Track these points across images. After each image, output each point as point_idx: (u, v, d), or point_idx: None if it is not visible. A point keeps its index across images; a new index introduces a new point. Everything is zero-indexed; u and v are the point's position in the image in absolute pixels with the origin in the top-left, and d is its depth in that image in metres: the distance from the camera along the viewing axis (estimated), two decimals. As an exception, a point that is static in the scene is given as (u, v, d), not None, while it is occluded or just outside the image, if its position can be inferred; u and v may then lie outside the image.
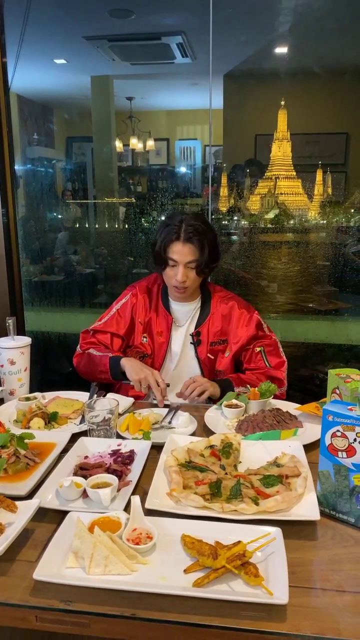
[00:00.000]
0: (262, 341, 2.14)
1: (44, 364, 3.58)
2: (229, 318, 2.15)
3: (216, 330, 2.14)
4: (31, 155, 4.06)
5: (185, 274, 2.00)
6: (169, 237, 1.99)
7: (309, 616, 0.95)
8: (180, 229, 1.98)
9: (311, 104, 3.52)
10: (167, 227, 2.01)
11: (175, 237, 1.98)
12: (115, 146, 4.07)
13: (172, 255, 2.00)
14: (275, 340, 2.18)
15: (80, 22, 3.47)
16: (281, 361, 2.14)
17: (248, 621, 0.94)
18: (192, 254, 1.99)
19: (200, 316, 2.16)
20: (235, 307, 2.16)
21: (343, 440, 1.17)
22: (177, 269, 2.01)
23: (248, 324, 2.13)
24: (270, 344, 2.15)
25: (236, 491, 1.26)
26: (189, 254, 1.99)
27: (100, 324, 2.19)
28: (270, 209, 3.61)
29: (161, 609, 0.96)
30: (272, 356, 2.13)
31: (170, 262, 2.01)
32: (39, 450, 1.47)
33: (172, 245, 1.99)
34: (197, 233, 1.98)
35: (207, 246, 2.00)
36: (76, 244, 4.00)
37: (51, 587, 1.00)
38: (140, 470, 1.39)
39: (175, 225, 1.99)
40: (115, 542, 1.06)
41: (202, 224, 2.01)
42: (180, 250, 1.99)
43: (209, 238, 2.02)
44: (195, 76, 3.86)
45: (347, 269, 3.35)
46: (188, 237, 1.97)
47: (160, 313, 2.16)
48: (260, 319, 2.17)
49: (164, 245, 2.01)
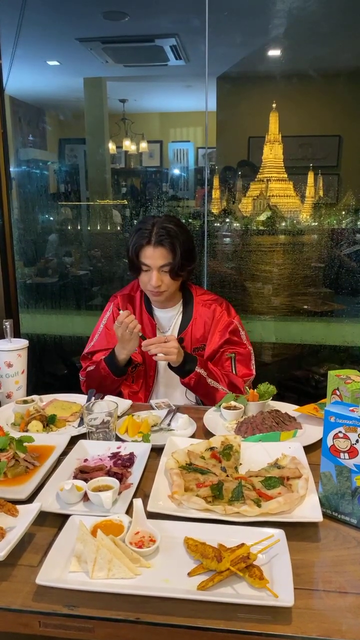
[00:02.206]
0: (235, 348, 2.10)
1: (39, 366, 3.56)
2: (209, 322, 2.11)
3: (199, 336, 2.11)
4: (24, 157, 4.04)
5: (159, 278, 1.96)
6: (140, 241, 1.95)
7: (314, 618, 0.95)
8: (152, 232, 1.93)
9: (304, 106, 3.53)
10: (139, 231, 1.96)
11: (146, 241, 1.94)
12: (109, 148, 4.06)
13: (144, 259, 1.96)
14: (250, 351, 2.13)
15: (73, 24, 3.45)
16: (248, 372, 2.08)
17: (253, 624, 0.93)
18: (164, 257, 1.95)
19: (182, 322, 2.12)
20: (217, 311, 2.11)
21: (345, 442, 1.17)
22: (150, 274, 1.96)
23: (224, 329, 2.09)
24: (243, 353, 2.10)
25: (238, 493, 1.26)
26: (160, 258, 1.94)
27: (93, 344, 2.16)
28: (262, 211, 3.62)
29: (166, 613, 0.95)
30: (242, 365, 2.08)
31: (144, 267, 1.97)
32: (38, 453, 1.46)
33: (143, 250, 1.95)
34: (169, 236, 1.93)
35: (179, 248, 1.95)
36: (69, 246, 3.99)
37: (54, 591, 0.99)
38: (141, 472, 1.38)
39: (146, 229, 1.94)
40: (118, 546, 1.06)
41: (174, 226, 1.96)
42: (152, 255, 1.94)
43: (182, 240, 1.97)
44: (189, 78, 3.87)
45: (342, 271, 3.36)
46: (159, 240, 1.93)
47: (145, 320, 2.12)
48: (239, 326, 2.12)
49: (135, 250, 1.96)
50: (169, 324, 2.14)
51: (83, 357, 2.18)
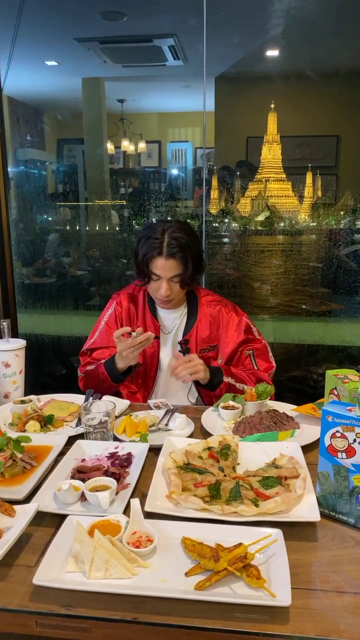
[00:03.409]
0: (251, 345, 2.10)
1: (37, 367, 3.56)
2: (217, 323, 2.10)
3: (205, 337, 2.09)
4: (22, 157, 4.04)
5: (169, 288, 1.94)
6: (151, 252, 1.90)
7: (311, 618, 0.94)
8: (163, 242, 1.89)
9: (303, 106, 3.54)
10: (148, 239, 1.92)
11: (158, 252, 1.89)
12: (107, 148, 4.06)
13: (155, 270, 1.93)
14: (265, 344, 2.13)
15: (71, 24, 3.45)
16: (269, 365, 2.09)
17: (251, 624, 0.93)
18: (175, 269, 1.92)
19: (187, 323, 2.11)
20: (223, 312, 2.11)
21: (343, 441, 1.17)
22: (160, 283, 1.94)
23: (237, 329, 2.09)
24: (260, 347, 2.10)
25: (236, 493, 1.26)
26: (171, 270, 1.92)
27: (93, 341, 2.13)
28: (260, 211, 3.62)
29: (163, 613, 0.95)
30: (261, 360, 2.08)
31: (153, 276, 1.95)
32: (35, 453, 1.45)
33: (154, 261, 1.91)
34: (181, 248, 1.89)
35: (190, 260, 1.92)
36: (68, 246, 3.99)
37: (51, 592, 0.99)
38: (139, 473, 1.38)
39: (157, 239, 1.90)
40: (116, 546, 1.05)
41: (185, 236, 1.92)
42: (163, 266, 1.91)
43: (193, 250, 1.94)
44: (187, 78, 3.87)
45: (340, 271, 3.37)
46: (171, 252, 1.89)
47: (148, 321, 2.10)
48: (249, 322, 2.12)
49: (146, 259, 1.92)
50: (173, 324, 2.12)
51: (82, 353, 2.16)
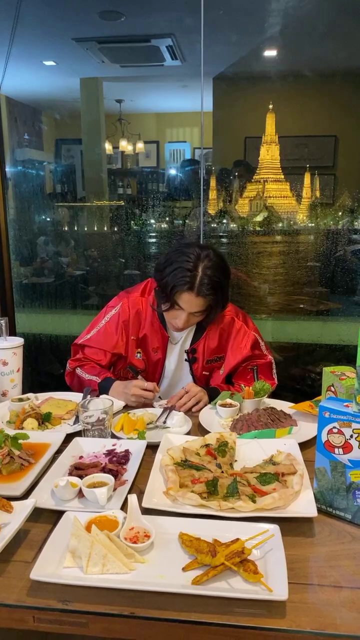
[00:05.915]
0: (256, 361, 2.06)
1: (34, 366, 3.56)
2: (226, 334, 2.06)
3: (213, 348, 2.05)
4: (20, 157, 4.04)
5: (187, 320, 1.88)
6: (181, 285, 1.79)
7: (308, 612, 0.95)
8: (196, 277, 1.79)
9: (301, 106, 3.54)
10: (180, 270, 1.80)
11: (188, 287, 1.79)
12: (105, 148, 4.06)
13: (181, 303, 1.84)
14: (271, 361, 2.10)
15: (69, 24, 3.45)
16: (271, 383, 2.03)
17: (248, 618, 0.93)
18: (202, 306, 1.86)
19: (196, 333, 2.06)
20: (233, 324, 2.06)
21: (339, 437, 1.18)
22: (180, 313, 1.87)
23: (244, 344, 2.04)
24: (265, 364, 2.07)
25: (233, 489, 1.26)
26: (198, 306, 1.85)
27: (89, 338, 2.07)
28: (258, 211, 3.62)
29: (160, 607, 0.96)
30: (264, 376, 2.03)
31: (176, 306, 1.87)
32: (33, 450, 1.46)
33: (183, 294, 1.82)
34: (213, 289, 1.81)
35: (220, 299, 1.87)
36: (66, 246, 3.99)
37: (48, 587, 0.99)
38: (136, 469, 1.38)
39: (189, 270, 1.79)
40: (113, 541, 1.05)
41: (220, 275, 1.83)
42: (190, 301, 1.83)
43: (224, 289, 1.87)
44: (185, 78, 3.87)
45: (338, 270, 3.37)
46: (202, 292, 1.80)
47: (156, 328, 2.04)
48: (258, 338, 2.08)
49: (173, 290, 1.82)
50: (181, 333, 2.07)
51: (75, 345, 2.10)
